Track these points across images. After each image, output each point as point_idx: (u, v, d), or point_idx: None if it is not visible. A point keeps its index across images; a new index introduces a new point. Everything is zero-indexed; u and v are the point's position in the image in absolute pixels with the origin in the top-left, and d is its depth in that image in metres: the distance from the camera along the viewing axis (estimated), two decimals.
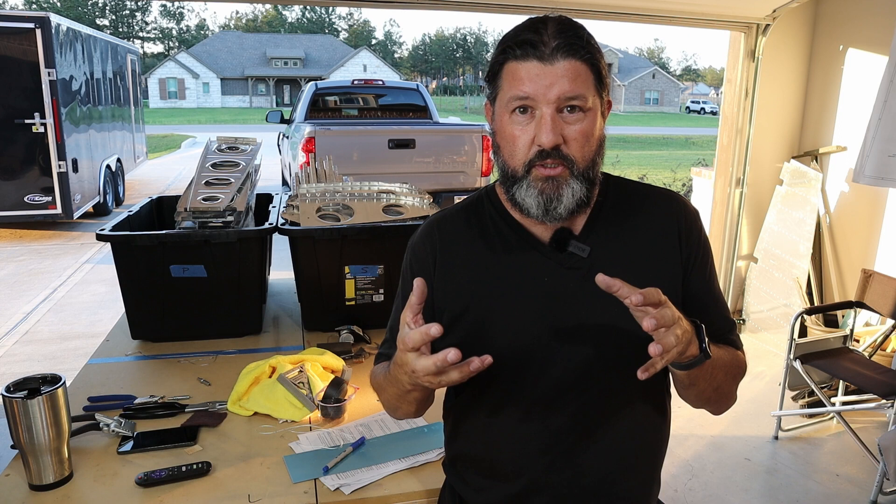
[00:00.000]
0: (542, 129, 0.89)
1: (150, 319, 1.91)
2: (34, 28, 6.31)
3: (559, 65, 0.88)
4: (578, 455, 0.96)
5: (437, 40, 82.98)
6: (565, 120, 0.90)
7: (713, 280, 1.04)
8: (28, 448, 1.17)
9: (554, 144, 0.89)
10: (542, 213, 0.92)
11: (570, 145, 0.90)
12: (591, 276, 0.96)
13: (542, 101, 0.88)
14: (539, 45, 0.88)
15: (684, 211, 1.02)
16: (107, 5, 65.62)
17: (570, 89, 0.88)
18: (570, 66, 0.88)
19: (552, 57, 0.88)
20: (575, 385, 0.95)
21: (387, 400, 1.04)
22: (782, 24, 3.83)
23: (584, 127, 0.90)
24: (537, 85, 0.88)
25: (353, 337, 1.92)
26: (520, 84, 0.89)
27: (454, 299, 0.99)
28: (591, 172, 0.94)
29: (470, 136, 6.28)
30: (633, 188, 1.05)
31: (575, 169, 0.91)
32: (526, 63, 0.89)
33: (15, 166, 6.58)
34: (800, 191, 3.97)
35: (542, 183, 0.91)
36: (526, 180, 0.92)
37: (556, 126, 0.89)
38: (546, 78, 0.88)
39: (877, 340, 3.21)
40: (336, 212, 2.05)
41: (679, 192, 7.97)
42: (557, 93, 0.88)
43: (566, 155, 0.90)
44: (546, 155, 0.90)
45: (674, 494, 2.60)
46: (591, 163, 0.93)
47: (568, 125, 0.90)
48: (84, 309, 4.84)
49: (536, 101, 0.89)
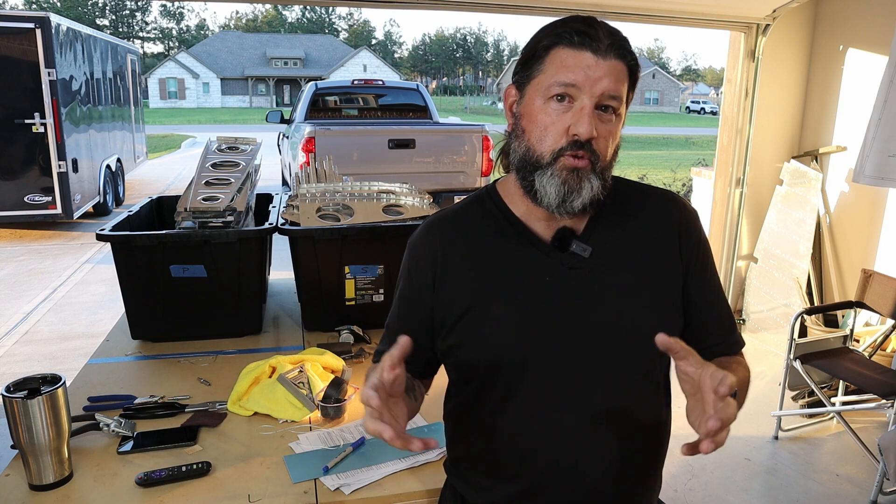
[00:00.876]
0: (581, 120, 0.89)
1: (150, 319, 1.91)
2: (34, 28, 6.31)
3: (611, 62, 0.89)
4: (581, 454, 0.96)
5: (437, 40, 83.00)
6: (599, 118, 0.91)
7: (714, 280, 1.05)
8: (28, 448, 1.17)
9: (591, 137, 0.90)
10: (559, 202, 0.92)
11: (599, 142, 0.91)
12: (592, 275, 0.97)
13: (586, 92, 0.89)
14: (596, 39, 0.89)
15: (684, 212, 1.03)
16: (107, 5, 65.64)
17: (613, 88, 0.90)
18: (619, 66, 0.90)
19: (606, 53, 0.89)
20: (576, 384, 0.95)
21: None
22: (782, 24, 3.83)
23: (613, 128, 0.93)
24: (587, 76, 0.89)
25: (353, 337, 1.92)
26: (568, 71, 0.89)
27: (455, 299, 0.99)
28: (607, 173, 0.95)
29: (470, 136, 6.27)
30: (633, 188, 1.05)
31: (598, 166, 0.92)
32: (580, 52, 0.89)
33: (15, 166, 6.58)
34: (800, 191, 3.97)
35: (566, 173, 0.92)
36: (552, 168, 0.92)
37: (594, 119, 0.90)
38: (597, 70, 0.89)
39: (877, 340, 3.21)
40: (336, 212, 2.05)
41: (679, 192, 7.92)
42: (603, 88, 0.89)
43: (595, 150, 0.91)
44: (579, 146, 0.90)
45: (674, 494, 2.60)
46: (609, 164, 0.95)
47: (601, 123, 0.91)
48: (84, 309, 4.84)
49: (580, 91, 0.89)
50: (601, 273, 0.97)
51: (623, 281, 0.97)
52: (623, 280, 0.97)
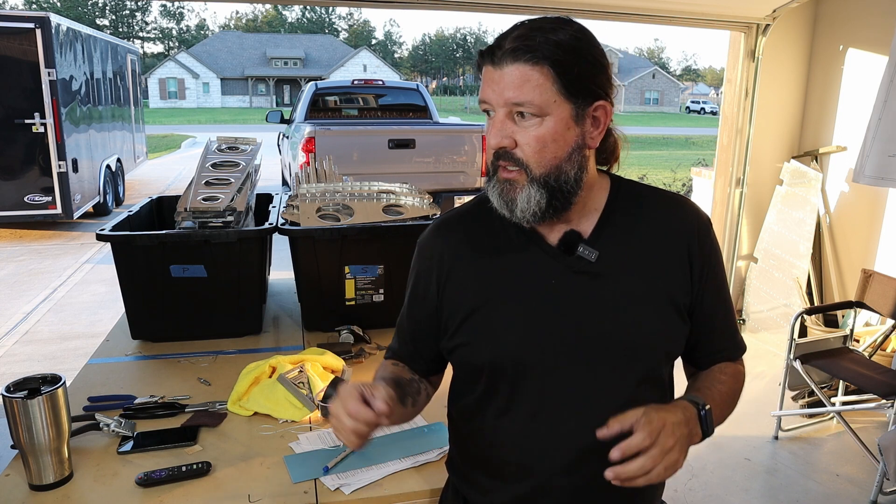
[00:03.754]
0: (489, 131, 0.92)
1: (150, 319, 1.91)
2: (34, 28, 6.31)
3: (506, 69, 0.88)
4: (585, 456, 0.95)
5: (437, 40, 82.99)
6: (519, 124, 0.90)
7: (724, 288, 1.04)
8: (28, 448, 1.17)
9: (498, 146, 0.91)
10: (509, 213, 0.94)
11: (521, 149, 0.90)
12: (598, 280, 0.96)
13: (495, 104, 0.90)
14: (495, 49, 0.89)
15: (697, 221, 1.01)
16: (107, 5, 65.63)
17: (513, 95, 0.88)
18: (517, 71, 0.87)
19: (501, 62, 0.88)
20: (581, 387, 0.95)
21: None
22: (782, 24, 3.83)
23: (540, 133, 0.89)
24: (490, 89, 0.90)
25: (353, 337, 1.92)
26: (483, 88, 0.92)
27: (461, 299, 0.99)
28: (554, 180, 0.91)
29: (470, 136, 6.28)
30: (643, 192, 1.04)
31: (530, 174, 0.91)
32: (485, 67, 0.91)
33: (15, 166, 6.59)
34: (800, 191, 3.97)
35: (500, 184, 0.93)
36: (493, 179, 0.94)
37: (502, 128, 0.90)
38: (497, 82, 0.89)
39: (877, 340, 3.21)
40: (336, 212, 2.05)
41: (679, 192, 7.93)
42: (505, 98, 0.89)
43: (519, 159, 0.91)
44: (499, 157, 0.92)
45: (674, 494, 2.60)
46: (552, 170, 0.90)
47: (521, 130, 0.90)
48: (84, 309, 4.84)
49: (492, 105, 0.91)
50: (607, 277, 0.96)
51: (629, 286, 0.96)
52: (629, 285, 0.96)
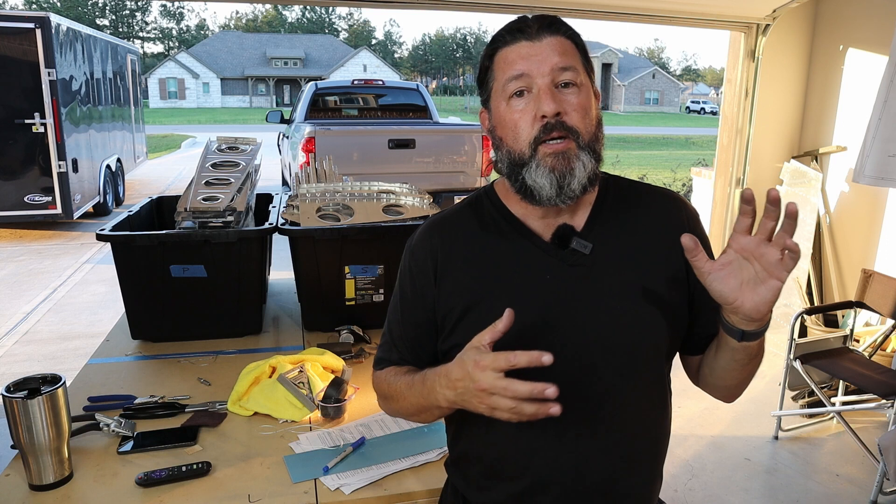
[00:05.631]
0: (541, 100, 0.91)
1: (150, 319, 1.91)
2: (34, 28, 6.31)
3: (546, 40, 0.92)
4: (582, 453, 0.96)
5: (437, 40, 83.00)
6: (561, 94, 0.92)
7: None
8: (28, 448, 1.17)
9: (556, 111, 0.90)
10: (556, 191, 0.92)
11: (570, 116, 0.92)
12: (593, 273, 0.97)
13: (536, 75, 0.91)
14: (525, 27, 0.93)
15: (686, 212, 1.04)
16: (107, 5, 65.63)
17: (560, 60, 0.91)
18: (556, 40, 0.92)
19: (538, 35, 0.92)
20: (578, 383, 0.95)
21: (402, 408, 1.02)
22: (782, 24, 3.83)
23: (581, 100, 0.93)
24: (530, 61, 0.92)
25: (353, 337, 1.92)
26: (514, 64, 0.92)
27: (456, 299, 0.99)
28: (597, 146, 0.95)
29: (470, 136, 6.27)
30: (632, 186, 1.06)
31: (581, 140, 0.92)
32: (515, 45, 0.93)
33: (15, 166, 6.59)
34: (800, 191, 3.97)
35: (551, 160, 0.91)
36: (534, 160, 0.92)
37: (554, 95, 0.91)
38: (537, 53, 0.92)
39: (877, 340, 3.21)
40: (336, 212, 2.05)
41: (679, 192, 7.93)
42: (550, 64, 0.91)
43: (570, 126, 0.91)
44: (551, 128, 0.91)
45: (674, 494, 2.60)
46: (594, 136, 0.94)
47: (565, 98, 0.92)
48: (84, 309, 4.84)
49: (532, 77, 0.92)
50: (602, 270, 0.97)
51: (624, 278, 0.97)
52: (624, 278, 0.97)
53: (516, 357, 0.78)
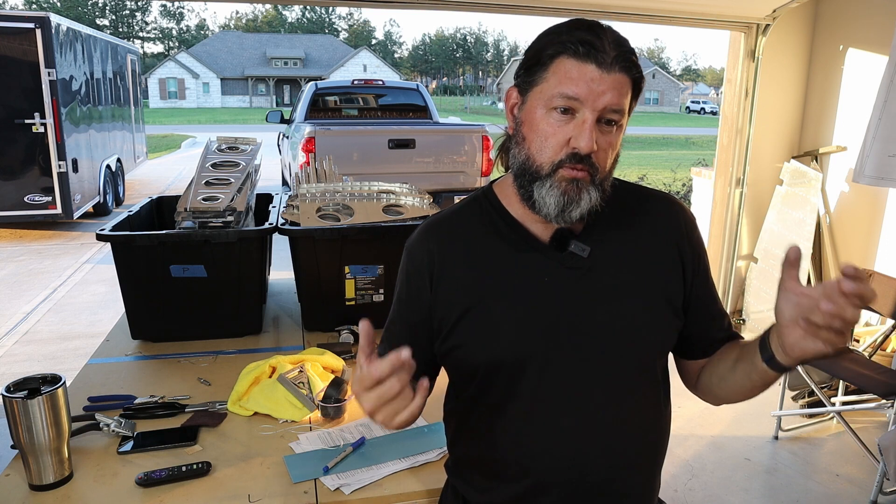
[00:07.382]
0: (582, 135, 0.88)
1: (150, 319, 1.91)
2: (34, 28, 6.31)
3: (615, 76, 0.88)
4: (582, 454, 0.96)
5: (437, 40, 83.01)
6: (601, 130, 0.90)
7: (710, 278, 1.07)
8: (28, 448, 1.17)
9: (591, 151, 0.89)
10: (558, 212, 0.92)
11: (599, 155, 0.91)
12: (591, 275, 0.97)
13: (588, 105, 0.88)
14: (601, 50, 0.87)
15: (683, 216, 1.04)
16: (107, 5, 65.65)
17: (616, 102, 0.88)
18: (623, 79, 0.89)
19: (611, 66, 0.87)
20: (576, 384, 0.95)
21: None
22: (782, 24, 3.83)
23: (613, 140, 0.92)
24: (590, 89, 0.87)
25: (353, 337, 1.92)
26: (572, 83, 0.88)
27: (454, 301, 0.99)
28: (606, 183, 0.95)
29: (470, 136, 6.27)
30: (631, 189, 1.06)
31: (597, 177, 0.92)
32: (584, 64, 0.88)
33: (15, 166, 6.58)
34: (800, 191, 3.97)
35: (566, 184, 0.91)
36: (550, 179, 0.92)
37: (595, 133, 0.89)
38: (601, 84, 0.87)
39: (877, 340, 3.21)
40: (336, 212, 2.05)
41: (679, 192, 7.87)
42: (605, 102, 0.88)
43: (594, 163, 0.91)
44: (578, 159, 0.90)
45: (674, 494, 2.60)
46: (608, 175, 0.95)
47: (602, 136, 0.90)
48: (84, 309, 4.84)
49: (583, 105, 0.88)
50: (600, 273, 0.97)
51: (622, 281, 0.97)
52: (622, 280, 0.97)
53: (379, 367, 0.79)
